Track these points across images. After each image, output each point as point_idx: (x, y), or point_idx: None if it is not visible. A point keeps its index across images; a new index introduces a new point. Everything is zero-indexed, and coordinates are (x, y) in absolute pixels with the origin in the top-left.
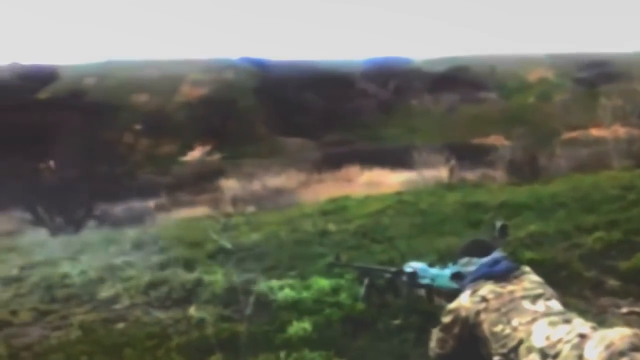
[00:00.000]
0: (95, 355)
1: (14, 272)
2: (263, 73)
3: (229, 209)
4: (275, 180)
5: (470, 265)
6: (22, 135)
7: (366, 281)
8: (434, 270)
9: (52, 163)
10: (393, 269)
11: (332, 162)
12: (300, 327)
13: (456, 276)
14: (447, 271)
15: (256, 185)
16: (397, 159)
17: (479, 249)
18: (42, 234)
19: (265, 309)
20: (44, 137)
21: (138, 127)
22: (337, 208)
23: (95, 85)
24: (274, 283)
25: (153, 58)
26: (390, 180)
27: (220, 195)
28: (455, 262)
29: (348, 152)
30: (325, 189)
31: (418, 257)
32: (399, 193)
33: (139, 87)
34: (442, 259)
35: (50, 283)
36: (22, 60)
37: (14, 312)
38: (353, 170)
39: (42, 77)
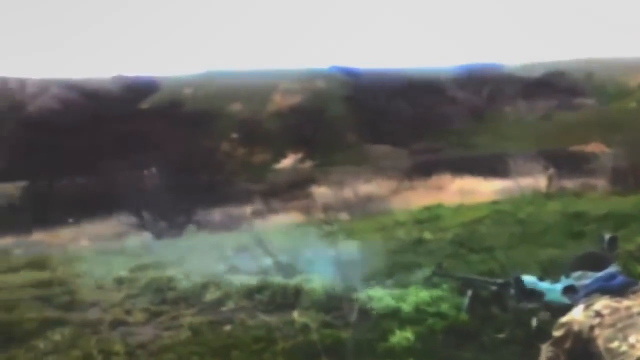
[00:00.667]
0: (205, 356)
1: (124, 273)
2: (353, 81)
3: (321, 215)
4: (366, 188)
5: (584, 279)
6: (127, 144)
7: (469, 292)
8: (545, 284)
9: (154, 170)
10: (500, 281)
11: (423, 170)
12: (402, 336)
13: (569, 290)
14: (559, 285)
15: (347, 193)
16: (490, 167)
17: (593, 262)
18: (146, 237)
19: (366, 317)
20: (147, 146)
21: (234, 135)
22: (431, 216)
23: (193, 96)
24: (374, 292)
25: (247, 68)
26: (483, 189)
27: (312, 202)
28: (567, 275)
29: (439, 160)
30: (416, 197)
31: (519, 269)
32: (494, 202)
33: (234, 97)
34: (544, 271)
35: (159, 285)
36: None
37: (128, 312)
38: (444, 179)
39: (144, 88)
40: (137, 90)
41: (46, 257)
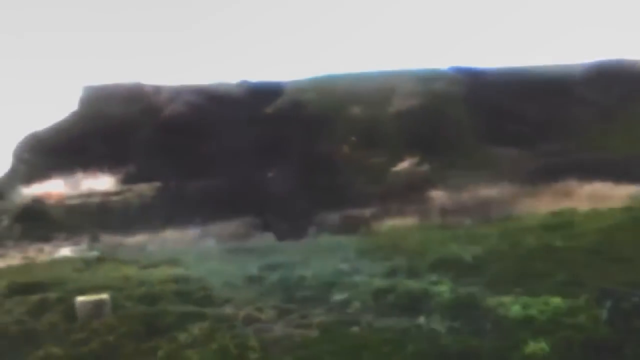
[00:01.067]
0: (336, 355)
1: (255, 272)
2: (474, 82)
3: (437, 219)
4: (486, 192)
5: None
6: (251, 147)
7: (609, 304)
8: None
9: (277, 173)
10: None
11: (548, 174)
12: (537, 347)
13: None
14: None
15: (465, 197)
16: (623, 171)
17: None
18: (269, 238)
19: (497, 324)
20: (270, 149)
21: (353, 138)
22: (562, 222)
23: (314, 99)
24: (505, 299)
25: (367, 71)
26: (616, 194)
27: (429, 206)
28: None
29: (566, 164)
30: (541, 203)
31: None
32: (629, 208)
33: (354, 100)
34: None
35: (288, 285)
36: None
37: (259, 309)
38: (571, 184)
39: (268, 92)
40: (262, 95)
41: (181, 254)
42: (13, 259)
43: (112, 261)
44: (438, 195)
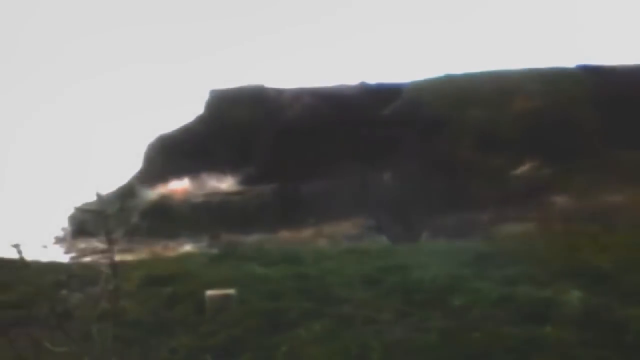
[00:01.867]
0: None
1: (373, 273)
2: (602, 80)
3: (558, 226)
4: (612, 198)
5: None
6: (369, 149)
7: None
8: None
9: (392, 175)
10: None
11: None
12: None
13: None
14: None
15: (589, 203)
16: None
17: None
18: (383, 240)
19: (630, 337)
20: (387, 150)
21: (471, 140)
22: None
23: (432, 100)
24: (635, 311)
25: (488, 69)
26: None
27: (550, 212)
28: None
29: None
30: None
31: None
32: None
33: (474, 101)
34: None
35: (407, 287)
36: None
37: (378, 310)
38: None
39: (387, 93)
40: (380, 96)
41: (300, 253)
42: (141, 253)
43: (233, 258)
44: (560, 201)
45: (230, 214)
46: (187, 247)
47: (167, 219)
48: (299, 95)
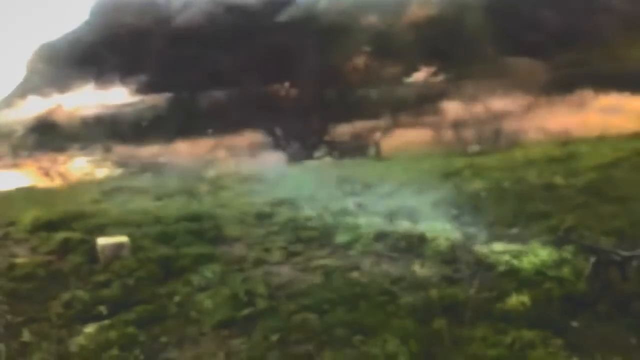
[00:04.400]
0: (336, 304)
1: (266, 209)
2: None
3: (450, 132)
4: (499, 103)
5: None
6: (264, 58)
7: (592, 260)
8: None
9: (287, 85)
10: (625, 253)
11: (564, 84)
12: (519, 300)
13: None
14: None
15: (479, 108)
16: None
17: None
18: (280, 157)
19: (485, 272)
20: (283, 60)
21: (366, 48)
22: (566, 155)
23: (328, 8)
24: (497, 246)
25: None
26: (630, 106)
27: (442, 118)
28: None
29: (582, 74)
30: (554, 115)
31: None
32: (638, 137)
33: (369, 9)
34: None
35: (296, 225)
36: None
37: (267, 250)
38: (587, 94)
39: (282, 1)
40: (275, 3)
41: (195, 184)
42: (29, 168)
43: (127, 191)
44: (451, 107)
45: (123, 126)
46: (79, 162)
47: (54, 132)
48: (190, 1)
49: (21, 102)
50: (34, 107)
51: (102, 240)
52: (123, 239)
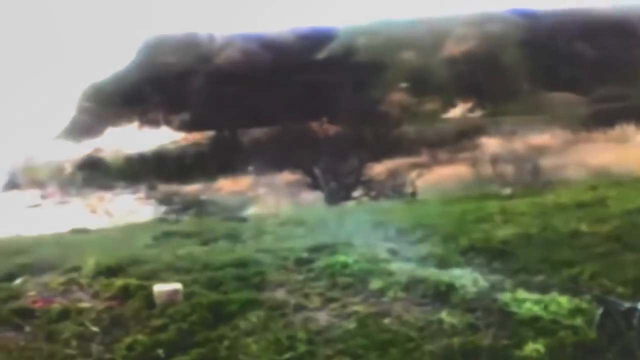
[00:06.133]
0: (368, 349)
1: (305, 255)
2: (531, 24)
3: (488, 168)
4: (538, 139)
5: None
6: (303, 95)
7: (601, 310)
8: None
9: (325, 123)
10: (628, 305)
11: (604, 119)
12: (534, 348)
13: None
14: None
15: (517, 144)
16: None
17: None
18: (318, 197)
19: (506, 319)
20: (320, 97)
21: (404, 85)
22: (594, 200)
23: (366, 45)
24: (520, 294)
25: (421, 16)
26: None
27: (480, 154)
28: None
29: (623, 109)
30: (595, 150)
31: None
32: None
33: (406, 45)
34: None
35: (333, 271)
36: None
37: (307, 296)
38: (628, 129)
39: (320, 38)
40: (314, 41)
41: (238, 227)
42: (77, 206)
43: (176, 235)
44: (489, 143)
45: (167, 163)
46: (123, 198)
47: (101, 170)
48: (231, 40)
49: (70, 141)
50: (82, 146)
51: (158, 287)
52: (177, 285)
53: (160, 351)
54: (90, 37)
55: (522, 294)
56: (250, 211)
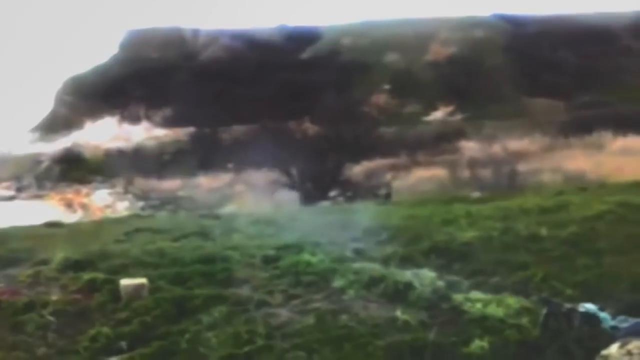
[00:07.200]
0: (324, 344)
1: (272, 252)
2: (515, 30)
3: (466, 172)
4: (517, 144)
5: (625, 322)
6: (285, 94)
7: (544, 310)
8: (603, 314)
9: (305, 122)
10: (569, 306)
11: (582, 126)
12: (479, 345)
13: (614, 328)
14: (610, 319)
15: (496, 148)
16: None
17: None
18: (294, 197)
19: (458, 318)
20: (303, 96)
21: (386, 86)
22: (557, 206)
23: (351, 46)
24: (473, 295)
25: (407, 17)
26: None
27: (459, 157)
28: (613, 318)
29: (601, 116)
30: (571, 156)
31: (614, 281)
32: (636, 185)
33: (391, 47)
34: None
35: (298, 269)
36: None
37: (270, 292)
38: (605, 136)
39: (305, 38)
40: (299, 40)
41: (210, 225)
42: (52, 199)
43: (147, 231)
44: (468, 146)
45: (145, 158)
46: (99, 193)
47: (79, 164)
48: (216, 36)
49: (47, 133)
50: (60, 140)
51: (124, 281)
52: (142, 280)
53: (123, 343)
54: (72, 29)
55: (475, 294)
56: (228, 209)
